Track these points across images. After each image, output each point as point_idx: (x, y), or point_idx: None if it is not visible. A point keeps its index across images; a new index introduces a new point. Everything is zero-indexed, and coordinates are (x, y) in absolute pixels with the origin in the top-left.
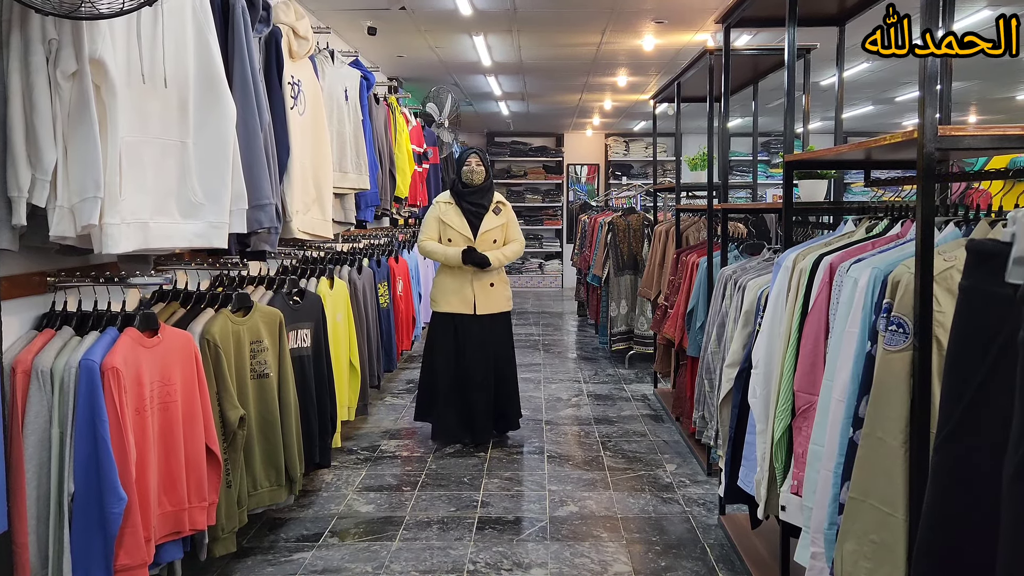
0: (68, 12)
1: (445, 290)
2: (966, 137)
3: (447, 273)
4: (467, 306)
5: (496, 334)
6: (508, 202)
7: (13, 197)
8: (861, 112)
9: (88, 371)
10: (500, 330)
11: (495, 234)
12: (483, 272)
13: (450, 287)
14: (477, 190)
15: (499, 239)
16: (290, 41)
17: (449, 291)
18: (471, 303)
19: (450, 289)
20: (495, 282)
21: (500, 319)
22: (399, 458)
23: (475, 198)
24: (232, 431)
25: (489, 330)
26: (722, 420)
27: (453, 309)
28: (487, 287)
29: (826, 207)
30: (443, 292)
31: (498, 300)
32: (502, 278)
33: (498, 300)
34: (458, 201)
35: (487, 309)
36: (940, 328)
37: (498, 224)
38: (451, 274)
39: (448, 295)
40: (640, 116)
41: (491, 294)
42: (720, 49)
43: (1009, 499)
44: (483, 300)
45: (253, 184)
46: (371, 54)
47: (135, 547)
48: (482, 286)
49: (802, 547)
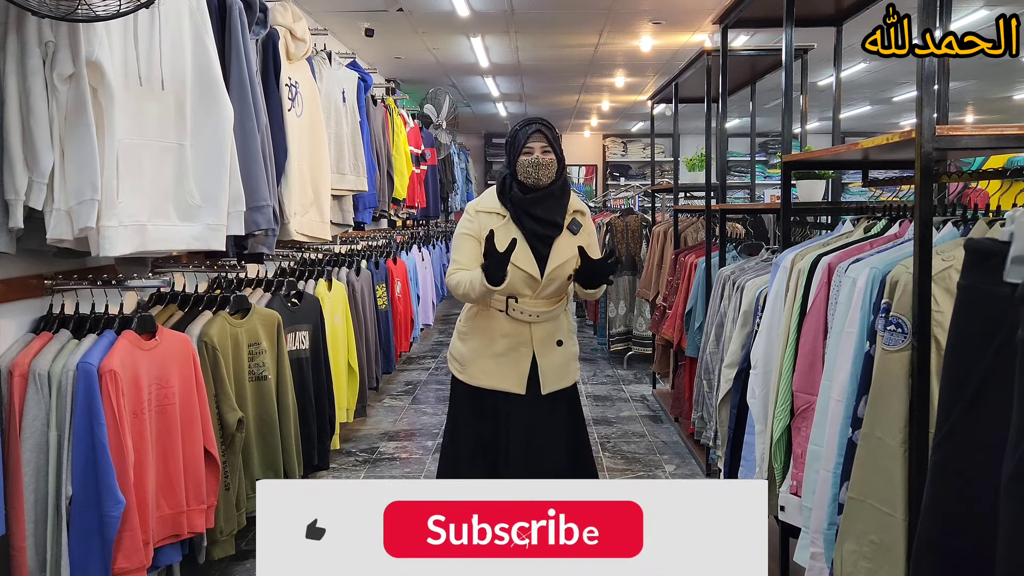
0: (65, 14)
1: (482, 349)
2: (964, 137)
3: (487, 319)
4: (520, 382)
5: (561, 419)
6: (587, 208)
7: (10, 200)
8: (859, 112)
9: (86, 374)
10: (568, 409)
11: (572, 265)
12: (548, 324)
13: (495, 344)
14: (545, 195)
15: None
16: (287, 43)
17: (489, 351)
18: (525, 375)
19: (492, 349)
20: (563, 337)
21: (567, 396)
22: (398, 460)
23: (542, 209)
24: (230, 433)
25: (550, 415)
26: (721, 420)
27: (496, 384)
28: (553, 348)
29: (824, 207)
30: (477, 351)
31: (567, 365)
32: (571, 325)
33: (567, 365)
34: (514, 214)
35: (556, 384)
36: (938, 328)
37: (576, 252)
38: (496, 322)
39: (485, 359)
40: (638, 117)
41: (560, 359)
42: (718, 50)
43: (1008, 498)
44: (550, 370)
45: (251, 186)
46: (368, 56)
47: (133, 550)
48: (547, 346)
49: (801, 547)
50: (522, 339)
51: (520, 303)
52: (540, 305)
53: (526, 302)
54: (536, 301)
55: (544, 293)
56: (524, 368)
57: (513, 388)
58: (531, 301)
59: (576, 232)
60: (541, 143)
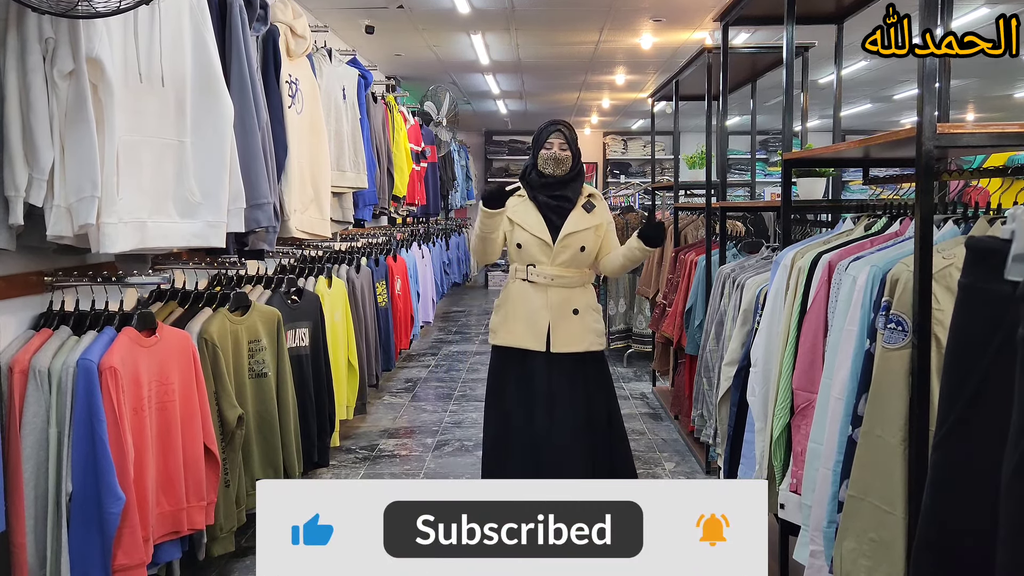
0: (65, 11)
1: (509, 315)
2: (965, 135)
3: (513, 289)
4: (538, 339)
5: (582, 383)
6: (602, 197)
7: (10, 197)
8: (859, 110)
9: (86, 371)
10: (590, 377)
11: (584, 239)
12: (563, 290)
13: (517, 309)
14: (560, 181)
15: (590, 247)
16: (288, 40)
17: (515, 316)
18: (543, 335)
19: (516, 313)
20: (580, 307)
21: (589, 363)
22: (397, 457)
23: (555, 190)
24: (230, 430)
25: (569, 377)
26: (721, 418)
27: (517, 342)
28: (568, 314)
29: (824, 205)
30: (505, 317)
31: (584, 334)
32: (591, 302)
33: (584, 334)
34: (532, 194)
35: (567, 346)
36: (939, 326)
37: (589, 225)
38: (518, 290)
39: (510, 321)
40: (638, 115)
41: (574, 325)
42: (718, 47)
43: (1009, 497)
44: (561, 332)
45: (251, 183)
46: (369, 53)
47: (133, 547)
48: (561, 311)
49: (801, 545)
50: (540, 303)
51: (538, 268)
52: (556, 270)
53: (543, 268)
54: (552, 267)
55: (558, 260)
56: (542, 328)
57: (533, 346)
58: (548, 267)
59: (589, 211)
60: (560, 140)
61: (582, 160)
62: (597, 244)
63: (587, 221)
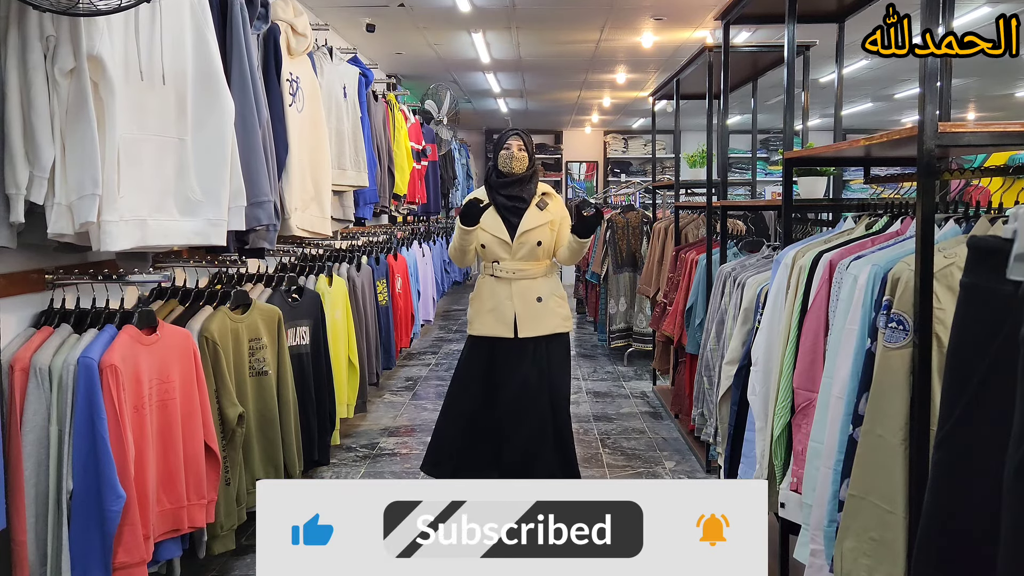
0: (66, 9)
1: (480, 308)
2: (966, 134)
3: (482, 284)
4: (506, 327)
5: (544, 364)
6: (556, 193)
7: (11, 194)
8: (860, 109)
9: (86, 369)
10: (553, 359)
11: (540, 234)
12: (526, 281)
13: (485, 302)
14: (515, 181)
15: (546, 242)
16: (288, 38)
17: (484, 309)
18: (511, 323)
19: (485, 306)
20: (543, 295)
21: (553, 345)
22: (398, 455)
23: (512, 190)
24: (231, 429)
25: (532, 359)
26: (721, 417)
27: (488, 331)
28: (532, 302)
29: (825, 204)
30: (477, 310)
31: (548, 318)
32: (555, 289)
33: (548, 318)
34: (492, 195)
35: (532, 331)
36: (940, 325)
37: (543, 222)
38: (486, 285)
39: (482, 314)
40: (639, 113)
41: (538, 311)
42: (719, 46)
43: (1010, 496)
44: (527, 319)
45: (252, 181)
46: (370, 51)
47: (134, 545)
48: (525, 300)
49: (801, 544)
50: (505, 294)
51: (501, 264)
52: (517, 264)
53: (506, 263)
54: (513, 262)
55: (518, 255)
56: (509, 317)
57: (502, 333)
58: (509, 263)
59: (543, 208)
60: (518, 143)
61: (538, 164)
62: (553, 238)
63: (541, 218)
